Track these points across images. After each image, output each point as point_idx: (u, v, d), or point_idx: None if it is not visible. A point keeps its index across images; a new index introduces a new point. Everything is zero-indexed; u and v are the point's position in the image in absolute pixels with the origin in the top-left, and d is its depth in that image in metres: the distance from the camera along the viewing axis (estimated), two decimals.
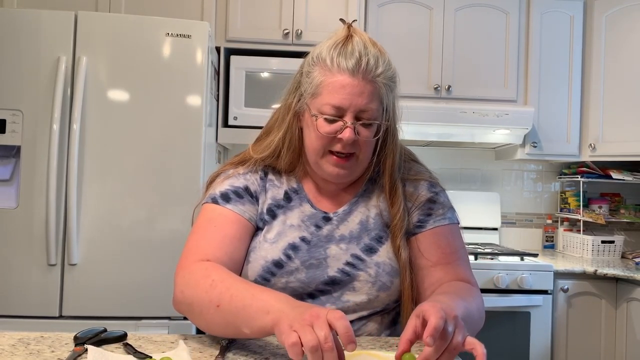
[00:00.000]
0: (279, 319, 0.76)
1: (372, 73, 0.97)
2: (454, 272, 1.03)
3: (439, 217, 1.07)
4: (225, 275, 0.91)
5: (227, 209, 1.03)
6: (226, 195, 1.05)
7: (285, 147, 1.06)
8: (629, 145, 2.65)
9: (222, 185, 1.07)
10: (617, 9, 2.71)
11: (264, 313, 0.79)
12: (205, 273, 0.92)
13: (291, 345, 0.70)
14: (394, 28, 2.69)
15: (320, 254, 1.03)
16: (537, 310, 2.41)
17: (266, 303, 0.80)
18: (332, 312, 0.73)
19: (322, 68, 0.99)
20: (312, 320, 0.72)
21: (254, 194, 1.07)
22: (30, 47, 1.98)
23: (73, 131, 1.95)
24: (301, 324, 0.72)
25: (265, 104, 2.48)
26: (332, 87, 0.97)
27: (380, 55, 0.99)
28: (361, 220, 1.06)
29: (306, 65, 1.04)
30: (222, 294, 0.86)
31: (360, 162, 1.03)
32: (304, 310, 0.75)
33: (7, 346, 0.88)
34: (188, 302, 0.93)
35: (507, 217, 3.10)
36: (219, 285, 0.88)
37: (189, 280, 0.93)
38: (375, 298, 1.02)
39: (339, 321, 0.71)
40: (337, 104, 0.97)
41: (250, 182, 1.08)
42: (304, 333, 0.70)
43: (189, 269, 0.95)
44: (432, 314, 0.72)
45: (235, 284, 0.88)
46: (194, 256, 0.98)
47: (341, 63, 0.97)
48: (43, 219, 1.95)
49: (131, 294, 1.98)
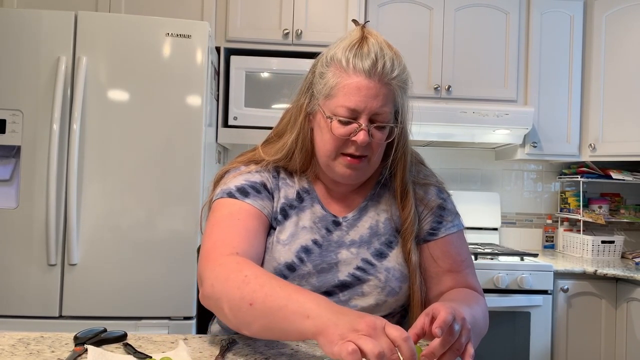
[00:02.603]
0: (325, 327, 0.71)
1: (388, 76, 0.96)
2: (463, 280, 1.05)
3: (449, 225, 1.08)
4: (258, 271, 0.86)
5: (247, 203, 1.01)
6: (243, 189, 1.02)
7: (298, 149, 1.05)
8: (629, 145, 2.65)
9: (237, 181, 1.04)
10: (617, 9, 2.71)
11: (303, 317, 0.75)
12: (237, 267, 0.87)
13: (350, 353, 0.65)
14: (394, 28, 2.69)
15: (332, 258, 1.03)
16: (537, 310, 2.41)
17: (304, 306, 0.76)
18: (394, 328, 0.70)
19: (337, 69, 0.97)
20: (368, 331, 0.68)
21: (270, 191, 1.06)
22: (30, 47, 1.98)
23: (73, 131, 1.95)
24: (356, 334, 0.68)
25: (265, 104, 2.48)
26: (348, 89, 0.96)
27: (395, 57, 0.98)
28: (371, 225, 1.06)
29: (319, 66, 1.02)
30: (256, 292, 0.81)
31: (372, 164, 1.03)
32: (353, 319, 0.71)
33: (7, 346, 0.88)
34: (217, 297, 0.86)
35: (507, 217, 3.10)
36: (252, 282, 0.83)
37: (219, 274, 0.87)
38: (383, 303, 1.02)
39: (405, 343, 0.68)
40: (353, 107, 0.95)
41: (265, 178, 1.07)
42: (364, 343, 0.66)
43: (218, 262, 0.89)
44: (443, 310, 0.75)
45: (270, 282, 0.82)
46: (222, 249, 0.93)
47: (357, 65, 0.95)
48: (43, 219, 1.95)
49: (131, 294, 1.98)
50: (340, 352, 0.67)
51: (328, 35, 2.47)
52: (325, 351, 0.71)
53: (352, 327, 0.70)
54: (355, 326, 0.69)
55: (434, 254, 1.06)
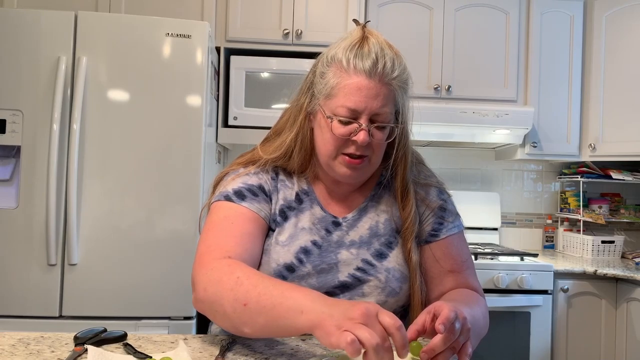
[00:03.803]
0: (321, 320, 0.73)
1: (388, 76, 0.96)
2: (464, 280, 1.05)
3: (450, 226, 1.08)
4: (250, 272, 0.87)
5: (242, 207, 1.01)
6: (240, 193, 1.03)
7: (297, 148, 1.05)
8: (629, 145, 2.65)
9: (235, 183, 1.05)
10: (617, 9, 2.71)
11: (298, 313, 0.76)
12: (229, 270, 0.88)
13: (350, 343, 0.67)
14: (394, 28, 2.69)
15: (332, 258, 1.03)
16: (537, 310, 2.41)
17: (298, 302, 0.77)
18: (387, 315, 0.72)
19: (338, 69, 0.98)
20: (363, 319, 0.70)
21: (268, 193, 1.06)
22: (30, 47, 1.98)
23: (73, 131, 1.95)
24: (352, 322, 0.70)
25: (265, 104, 2.48)
26: (348, 89, 0.96)
27: (396, 57, 0.98)
28: (371, 226, 1.06)
29: (320, 66, 1.02)
30: (249, 292, 0.83)
31: (372, 164, 1.03)
32: (347, 309, 0.72)
33: (7, 346, 0.88)
34: (211, 300, 0.88)
35: (507, 217, 3.10)
36: (245, 283, 0.84)
37: (211, 277, 0.89)
38: (383, 303, 1.01)
39: (398, 331, 0.70)
40: (353, 107, 0.96)
41: (264, 180, 1.07)
42: (360, 332, 0.68)
43: (210, 266, 0.91)
44: (446, 307, 0.76)
45: (263, 281, 0.84)
46: (214, 253, 0.94)
47: (358, 65, 0.95)
48: (43, 219, 1.95)
49: (131, 294, 1.98)
50: (338, 342, 0.69)
51: (328, 35, 2.47)
52: (324, 343, 0.72)
53: (347, 316, 0.71)
54: (350, 315, 0.71)
55: (436, 254, 1.06)
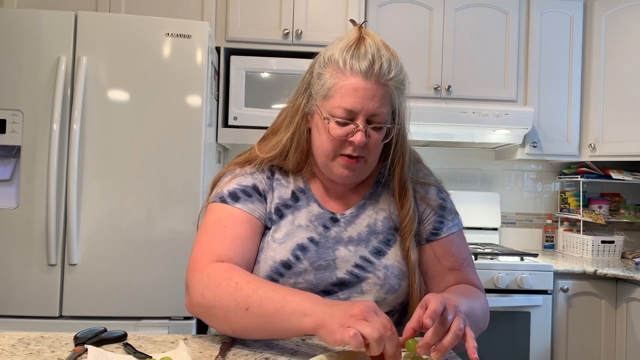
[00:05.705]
0: (323, 321, 0.77)
1: (384, 77, 0.96)
2: (465, 278, 1.06)
3: (450, 225, 1.09)
4: (248, 277, 0.90)
5: (236, 209, 1.02)
6: (234, 194, 1.04)
7: (292, 148, 1.06)
8: (629, 145, 2.65)
9: (230, 185, 1.06)
10: (617, 9, 2.71)
11: (300, 315, 0.81)
12: (225, 275, 0.90)
13: (353, 337, 0.71)
14: (393, 28, 2.69)
15: (329, 255, 1.03)
16: (537, 310, 2.41)
17: (300, 305, 0.82)
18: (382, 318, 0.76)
19: (335, 70, 0.98)
20: (363, 315, 0.75)
21: (262, 193, 1.07)
22: (30, 47, 1.98)
23: (73, 131, 1.95)
24: (354, 319, 0.74)
25: (265, 104, 2.48)
26: (345, 90, 0.96)
27: (392, 58, 0.98)
28: (369, 224, 1.07)
29: (317, 67, 1.02)
30: (250, 297, 0.85)
31: (369, 164, 1.03)
32: (347, 308, 0.77)
33: (7, 346, 0.88)
34: (209, 305, 0.90)
35: (507, 217, 3.10)
36: (245, 288, 0.87)
37: (208, 282, 0.90)
38: (382, 301, 1.02)
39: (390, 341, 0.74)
40: (350, 108, 0.96)
41: (258, 180, 1.07)
42: (362, 326, 0.72)
43: (205, 271, 0.93)
44: (433, 300, 0.78)
45: (262, 286, 0.87)
46: (208, 257, 0.96)
47: (354, 65, 0.96)
48: (43, 219, 1.95)
49: (131, 294, 1.98)
50: (342, 338, 0.73)
51: (328, 35, 2.47)
52: (328, 342, 0.76)
53: (348, 314, 0.76)
54: (350, 312, 0.76)
55: (437, 253, 1.07)
